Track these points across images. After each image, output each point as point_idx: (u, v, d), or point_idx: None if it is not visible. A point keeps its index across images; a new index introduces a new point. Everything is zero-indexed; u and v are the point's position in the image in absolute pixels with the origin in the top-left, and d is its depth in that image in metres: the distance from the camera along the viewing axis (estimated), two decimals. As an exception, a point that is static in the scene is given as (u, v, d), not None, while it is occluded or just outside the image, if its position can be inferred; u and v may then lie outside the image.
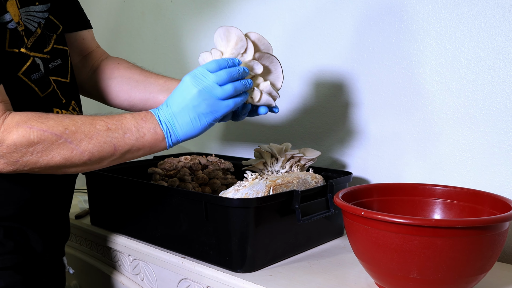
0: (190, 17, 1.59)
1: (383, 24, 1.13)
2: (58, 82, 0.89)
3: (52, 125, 0.71)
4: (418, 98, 1.09)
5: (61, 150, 0.72)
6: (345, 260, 0.93)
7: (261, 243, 0.88)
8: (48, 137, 0.71)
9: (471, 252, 0.70)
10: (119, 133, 0.75)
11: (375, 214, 0.72)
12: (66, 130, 0.72)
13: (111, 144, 0.74)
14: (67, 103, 0.90)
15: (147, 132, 0.77)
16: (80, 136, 0.72)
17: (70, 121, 0.73)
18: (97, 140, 0.73)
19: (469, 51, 1.01)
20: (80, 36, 1.04)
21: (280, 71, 0.87)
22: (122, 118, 0.77)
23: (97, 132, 0.74)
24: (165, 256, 0.97)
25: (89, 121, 0.74)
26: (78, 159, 0.73)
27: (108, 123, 0.75)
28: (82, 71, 1.06)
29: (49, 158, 0.72)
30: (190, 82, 0.78)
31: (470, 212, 0.87)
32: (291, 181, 0.95)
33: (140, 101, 0.99)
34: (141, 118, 0.77)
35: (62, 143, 0.71)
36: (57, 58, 0.90)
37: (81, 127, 0.73)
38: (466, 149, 1.03)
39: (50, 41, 0.88)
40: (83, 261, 1.22)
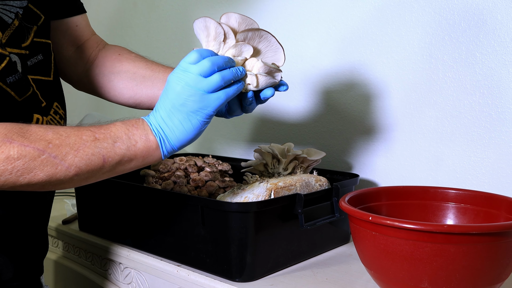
0: (185, 8, 1.60)
1: (388, 17, 1.13)
2: (39, 82, 0.85)
3: (34, 138, 0.68)
4: (430, 95, 1.09)
5: (44, 167, 0.68)
6: (351, 269, 0.93)
7: (261, 250, 0.88)
8: (29, 152, 0.67)
9: (486, 260, 0.70)
10: (108, 142, 0.72)
11: (383, 219, 0.72)
12: (49, 144, 0.68)
13: (100, 156, 0.71)
14: (48, 105, 0.86)
15: (139, 140, 0.73)
16: (65, 149, 0.69)
17: (54, 134, 0.69)
18: (84, 152, 0.70)
19: (484, 45, 1.01)
20: (73, 22, 0.99)
21: (276, 45, 0.81)
22: (111, 126, 0.74)
23: (84, 143, 0.70)
24: (159, 264, 0.97)
25: (74, 132, 0.71)
26: (64, 175, 0.69)
27: (95, 133, 0.72)
28: (78, 63, 1.01)
29: (31, 176, 0.68)
30: (172, 80, 0.74)
31: (485, 217, 0.87)
32: (294, 184, 0.96)
33: (148, 98, 0.96)
34: (132, 124, 0.74)
35: (45, 158, 0.68)
36: (37, 54, 0.85)
37: (66, 140, 0.69)
38: (481, 150, 1.03)
39: (30, 34, 0.84)
40: (70, 270, 1.22)
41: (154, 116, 0.75)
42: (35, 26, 0.85)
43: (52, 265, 1.29)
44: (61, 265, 1.25)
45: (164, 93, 0.75)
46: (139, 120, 0.75)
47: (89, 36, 1.02)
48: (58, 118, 0.88)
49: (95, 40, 1.03)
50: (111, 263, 1.09)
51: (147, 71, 0.96)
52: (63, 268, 1.25)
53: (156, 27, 1.70)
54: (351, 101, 1.22)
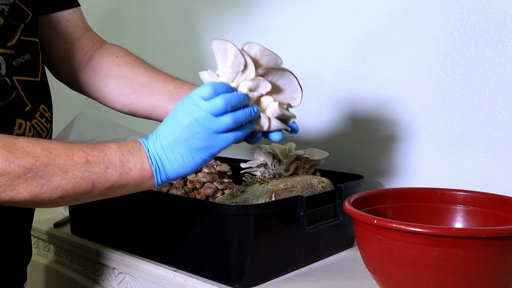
0: (182, 2, 1.59)
1: (393, 12, 1.13)
2: (25, 83, 0.83)
3: (20, 154, 0.65)
4: (437, 93, 1.09)
5: (28, 185, 0.66)
6: (355, 274, 0.93)
7: (261, 254, 0.88)
8: (14, 169, 0.65)
9: (497, 265, 0.70)
10: (100, 167, 0.70)
11: (389, 223, 0.72)
12: (37, 162, 0.66)
13: (90, 180, 0.69)
14: (34, 108, 0.84)
15: (133, 168, 0.71)
16: (53, 169, 0.67)
17: (43, 151, 0.67)
18: (73, 175, 0.68)
19: (494, 41, 1.01)
20: (64, 17, 0.95)
21: (296, 85, 0.78)
22: (105, 148, 0.71)
23: (74, 166, 0.68)
24: (154, 269, 0.97)
25: (65, 151, 0.69)
26: (49, 196, 0.68)
27: (88, 154, 0.69)
28: (72, 63, 0.98)
29: (14, 194, 0.66)
30: (181, 111, 0.71)
31: (495, 220, 0.87)
32: (296, 186, 0.95)
33: (145, 109, 0.94)
34: (128, 150, 0.72)
35: (31, 177, 0.66)
36: (24, 53, 0.83)
37: (55, 159, 0.67)
38: (491, 150, 1.03)
39: (16, 33, 0.82)
40: (62, 275, 1.22)
41: (154, 143, 0.73)
42: (22, 24, 0.83)
43: (43, 270, 1.29)
44: (52, 270, 1.25)
45: (169, 121, 0.72)
46: (136, 144, 0.73)
47: (83, 32, 0.99)
48: (44, 122, 0.86)
49: (90, 37, 1.00)
50: (104, 268, 1.09)
51: (145, 79, 0.94)
52: (54, 273, 1.24)
53: (152, 22, 1.70)
54: (355, 100, 1.22)
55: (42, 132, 0.85)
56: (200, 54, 1.56)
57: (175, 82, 0.93)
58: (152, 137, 0.73)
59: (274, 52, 0.75)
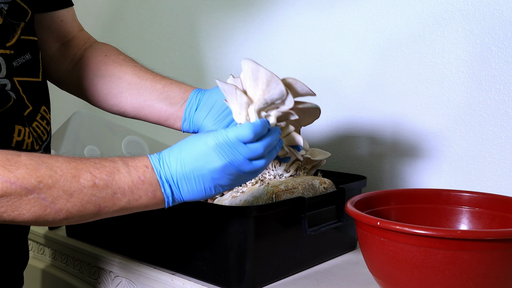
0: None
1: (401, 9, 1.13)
2: (26, 84, 0.82)
3: (22, 175, 0.64)
4: (442, 91, 1.09)
5: (31, 207, 0.65)
6: (358, 278, 0.93)
7: (262, 257, 0.88)
8: (15, 190, 0.63)
9: (503, 268, 0.70)
10: (107, 191, 0.68)
11: (392, 225, 0.72)
12: (40, 184, 0.64)
13: (96, 204, 0.68)
14: (35, 110, 0.83)
15: (144, 195, 0.70)
16: (57, 192, 0.65)
17: (47, 170, 0.65)
18: (78, 198, 0.66)
19: (500, 38, 1.01)
20: (58, 17, 0.95)
21: (317, 114, 0.79)
22: (114, 171, 0.68)
23: (80, 189, 0.66)
24: (151, 272, 0.97)
25: (71, 171, 0.66)
26: (53, 217, 0.67)
27: (95, 177, 0.67)
28: (62, 62, 0.98)
29: (16, 215, 0.65)
30: (214, 150, 0.69)
31: (501, 222, 0.87)
32: (297, 187, 0.95)
33: (133, 108, 0.93)
34: (139, 176, 0.69)
35: (33, 198, 0.64)
36: (24, 53, 0.82)
37: (60, 181, 0.65)
38: (496, 150, 1.03)
39: (16, 32, 0.81)
40: (57, 279, 1.22)
41: (170, 170, 0.70)
42: (22, 22, 0.82)
43: (38, 273, 1.29)
44: (48, 273, 1.25)
45: (195, 151, 0.70)
46: (148, 170, 0.70)
47: (75, 32, 0.99)
48: (45, 124, 0.85)
49: (81, 37, 1.00)
50: (100, 272, 1.09)
51: (133, 78, 0.93)
52: (50, 276, 1.24)
53: (149, 18, 1.70)
54: (356, 97, 1.22)
55: (43, 135, 0.85)
56: (198, 51, 1.57)
57: (164, 81, 0.92)
58: (170, 162, 0.70)
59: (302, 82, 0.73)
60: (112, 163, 0.69)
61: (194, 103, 0.88)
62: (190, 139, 0.71)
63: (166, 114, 0.90)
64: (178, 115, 0.89)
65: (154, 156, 0.71)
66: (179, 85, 0.92)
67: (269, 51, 1.38)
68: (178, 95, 0.90)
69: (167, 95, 0.90)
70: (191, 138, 0.71)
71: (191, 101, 0.88)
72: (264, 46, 1.39)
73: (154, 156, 0.71)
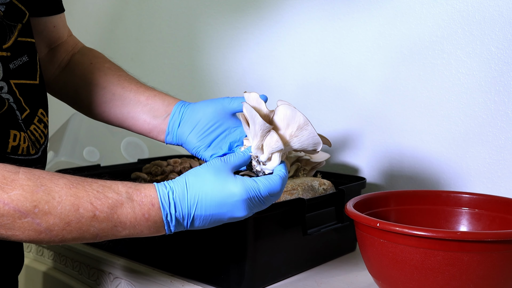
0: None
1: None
2: (23, 87, 0.81)
3: (17, 197, 0.61)
4: (442, 93, 1.09)
5: (25, 230, 0.63)
6: (357, 279, 0.93)
7: (261, 259, 0.88)
8: (9, 212, 0.61)
9: (503, 270, 0.70)
10: (107, 224, 0.65)
11: (392, 226, 0.72)
12: (35, 209, 0.62)
13: (94, 234, 0.65)
14: (32, 113, 0.82)
15: (146, 230, 0.68)
16: (53, 219, 0.63)
17: (44, 195, 0.63)
18: (75, 227, 0.64)
19: (500, 39, 1.01)
20: (51, 23, 0.95)
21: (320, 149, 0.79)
22: (117, 204, 0.66)
23: (78, 219, 0.64)
24: (151, 274, 0.97)
25: (70, 199, 0.64)
26: (47, 241, 0.65)
27: (96, 208, 0.65)
28: (49, 67, 0.97)
29: (10, 234, 0.63)
30: (243, 203, 0.68)
31: (501, 224, 0.87)
32: (296, 188, 0.95)
33: (116, 119, 0.92)
34: (143, 213, 0.67)
35: (27, 222, 0.62)
36: (21, 55, 0.81)
37: (57, 208, 0.63)
38: (496, 151, 1.03)
39: (13, 34, 0.79)
40: (56, 280, 1.22)
41: (182, 211, 0.68)
42: (19, 24, 0.81)
43: (39, 276, 1.28)
44: (47, 275, 1.25)
45: (216, 197, 0.68)
46: (154, 209, 0.67)
47: (65, 38, 0.99)
48: (42, 127, 0.84)
49: (70, 42, 0.99)
50: (100, 273, 1.09)
51: (117, 88, 0.92)
52: (49, 279, 1.24)
53: (148, 20, 1.70)
54: (356, 98, 1.22)
55: (41, 138, 0.84)
56: (197, 52, 1.57)
57: (147, 92, 0.91)
58: (180, 201, 0.68)
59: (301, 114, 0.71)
60: (116, 195, 0.66)
61: (177, 118, 0.87)
62: (212, 182, 0.68)
63: (149, 126, 0.89)
64: (162, 128, 0.88)
65: (164, 192, 0.68)
66: (162, 97, 0.90)
67: (269, 52, 1.38)
68: (161, 107, 0.89)
69: (150, 107, 0.89)
70: (212, 180, 0.69)
71: (174, 115, 0.87)
72: (264, 47, 1.39)
73: (164, 192, 0.68)
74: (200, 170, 0.70)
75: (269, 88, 1.38)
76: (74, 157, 1.36)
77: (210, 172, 0.69)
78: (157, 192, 0.68)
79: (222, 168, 0.70)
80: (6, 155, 0.76)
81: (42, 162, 0.85)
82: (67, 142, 1.39)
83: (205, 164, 0.71)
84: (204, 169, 0.70)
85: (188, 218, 0.69)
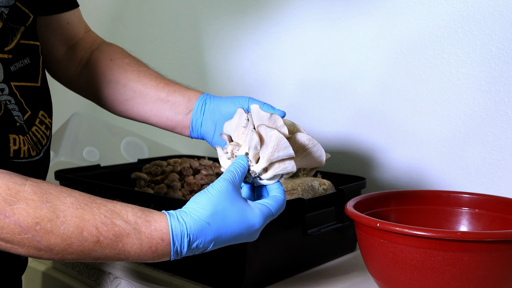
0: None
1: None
2: (24, 89, 0.81)
3: (21, 211, 0.60)
4: (442, 93, 1.09)
5: (23, 245, 0.61)
6: (357, 279, 0.93)
7: (261, 259, 0.88)
8: (9, 226, 0.59)
9: (503, 269, 0.70)
10: (110, 251, 0.63)
11: (392, 226, 0.72)
12: (36, 226, 0.60)
13: (95, 258, 0.64)
14: (33, 115, 0.82)
15: (149, 260, 0.66)
16: (54, 239, 0.61)
17: (48, 213, 0.61)
18: (77, 249, 0.62)
19: (500, 39, 1.01)
20: (64, 20, 0.94)
21: None
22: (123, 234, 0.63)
23: (80, 242, 0.62)
24: (151, 274, 0.97)
25: (75, 221, 0.62)
26: (46, 257, 0.63)
27: (101, 234, 0.62)
28: (69, 65, 0.97)
29: (9, 247, 0.62)
30: (259, 231, 0.69)
31: (501, 224, 0.87)
32: (296, 188, 0.95)
33: (140, 116, 0.92)
34: (150, 246, 0.65)
35: (27, 239, 0.60)
36: (23, 57, 0.81)
37: (60, 228, 0.61)
38: (497, 151, 1.03)
39: (15, 36, 0.79)
40: (57, 281, 1.22)
41: (198, 247, 0.67)
42: (22, 26, 0.81)
43: (39, 276, 1.29)
44: (47, 276, 1.25)
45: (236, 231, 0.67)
46: (163, 244, 0.65)
47: (81, 34, 0.98)
48: (44, 129, 0.84)
49: (88, 39, 0.99)
50: (99, 273, 1.09)
51: (137, 85, 0.91)
52: (50, 279, 1.24)
53: (148, 19, 1.70)
54: (356, 98, 1.22)
55: (42, 139, 0.84)
56: (197, 52, 1.57)
57: (168, 88, 0.90)
58: (196, 239, 0.66)
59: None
60: (124, 223, 0.64)
61: (200, 115, 0.86)
62: (231, 216, 0.67)
63: (172, 123, 0.89)
64: (185, 125, 0.88)
65: (177, 229, 0.66)
66: (182, 92, 0.90)
67: (269, 52, 1.38)
68: (182, 103, 0.89)
69: (171, 104, 0.89)
70: (231, 214, 0.67)
71: (196, 113, 0.87)
72: (264, 47, 1.39)
73: (177, 229, 0.66)
74: (215, 200, 0.67)
75: (269, 87, 1.38)
76: (74, 157, 1.36)
77: (226, 202, 0.67)
78: (169, 227, 0.65)
79: (236, 195, 0.68)
80: (9, 159, 0.76)
81: (44, 163, 0.85)
82: (67, 142, 1.39)
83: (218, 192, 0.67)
84: (218, 199, 0.67)
85: (200, 251, 0.68)
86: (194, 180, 1.14)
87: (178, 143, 1.62)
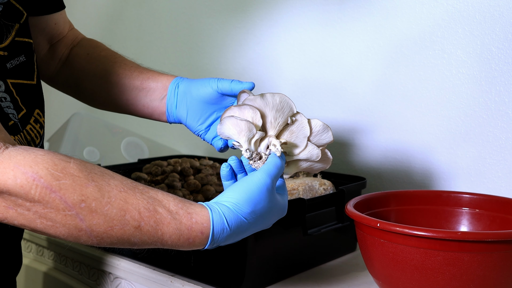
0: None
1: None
2: (20, 86, 0.80)
3: (67, 187, 0.59)
4: (442, 93, 1.09)
5: (65, 224, 0.59)
6: (358, 279, 0.93)
7: (261, 259, 0.88)
8: (54, 201, 0.58)
9: (503, 270, 0.70)
10: (149, 238, 0.63)
11: (392, 226, 0.72)
12: (82, 203, 0.59)
13: (132, 243, 0.63)
14: (29, 113, 0.82)
15: (182, 248, 0.66)
16: (98, 219, 0.60)
17: (94, 191, 0.60)
18: (117, 233, 0.61)
19: (500, 39, 1.01)
20: (52, 20, 0.95)
21: None
22: (164, 222, 0.63)
23: (122, 225, 0.61)
24: (151, 274, 0.97)
25: (120, 203, 0.61)
26: (84, 240, 0.61)
27: (142, 219, 0.62)
28: (50, 63, 0.98)
29: (49, 226, 0.60)
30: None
31: (501, 224, 0.87)
32: (296, 188, 0.95)
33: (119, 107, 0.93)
34: (188, 238, 0.65)
35: (70, 216, 0.59)
36: (18, 55, 0.81)
37: (104, 208, 0.60)
38: (497, 151, 1.03)
39: (10, 33, 0.79)
40: (56, 280, 1.22)
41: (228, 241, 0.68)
42: (17, 24, 0.81)
43: (39, 276, 1.29)
44: (47, 275, 1.25)
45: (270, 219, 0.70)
46: (202, 236, 0.65)
47: (65, 33, 0.99)
48: (38, 127, 0.84)
49: (70, 36, 1.00)
50: (100, 273, 1.09)
51: (113, 77, 0.92)
52: (50, 279, 1.24)
53: (148, 19, 1.70)
54: (355, 98, 1.22)
55: (36, 138, 0.84)
56: (197, 52, 1.57)
57: (141, 76, 0.91)
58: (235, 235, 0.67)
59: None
60: (166, 212, 0.64)
61: (173, 100, 0.87)
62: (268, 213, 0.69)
63: (149, 110, 0.90)
64: (161, 110, 0.89)
65: (218, 226, 0.66)
66: (156, 78, 0.90)
67: (268, 52, 1.38)
68: (156, 90, 0.89)
69: (146, 91, 0.89)
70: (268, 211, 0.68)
71: (170, 98, 0.87)
72: (263, 47, 1.39)
73: (218, 226, 0.66)
74: (256, 198, 0.67)
75: (269, 87, 1.38)
76: (74, 157, 1.36)
77: (266, 201, 0.68)
78: (210, 222, 0.65)
79: (273, 193, 0.69)
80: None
81: None
82: (67, 142, 1.38)
83: (258, 189, 0.67)
84: (259, 197, 0.67)
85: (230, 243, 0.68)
86: (195, 180, 1.14)
87: (179, 143, 1.62)
